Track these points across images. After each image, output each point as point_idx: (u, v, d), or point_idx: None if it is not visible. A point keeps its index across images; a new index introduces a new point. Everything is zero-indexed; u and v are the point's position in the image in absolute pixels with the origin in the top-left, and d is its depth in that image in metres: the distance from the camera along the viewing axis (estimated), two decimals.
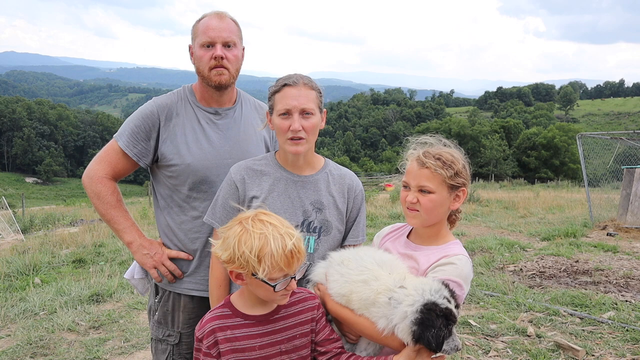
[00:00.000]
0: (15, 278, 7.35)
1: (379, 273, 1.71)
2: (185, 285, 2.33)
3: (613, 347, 4.38)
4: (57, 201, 50.31)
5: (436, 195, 1.81)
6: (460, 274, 1.76)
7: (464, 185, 1.85)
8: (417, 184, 1.83)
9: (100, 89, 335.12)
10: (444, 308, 1.57)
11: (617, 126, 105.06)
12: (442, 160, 1.82)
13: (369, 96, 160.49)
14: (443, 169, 1.80)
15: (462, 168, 1.85)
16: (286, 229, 1.62)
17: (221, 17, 2.25)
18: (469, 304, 5.65)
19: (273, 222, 1.62)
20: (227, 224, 1.70)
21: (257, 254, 1.55)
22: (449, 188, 1.82)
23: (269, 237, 1.56)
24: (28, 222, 15.08)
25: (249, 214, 1.67)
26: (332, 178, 2.13)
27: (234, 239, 1.59)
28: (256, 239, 1.56)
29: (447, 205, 1.86)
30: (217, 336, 1.68)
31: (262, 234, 1.57)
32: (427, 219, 1.85)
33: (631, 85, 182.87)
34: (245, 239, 1.57)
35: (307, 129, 1.94)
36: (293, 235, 1.61)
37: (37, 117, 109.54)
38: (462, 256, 1.80)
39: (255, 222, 1.61)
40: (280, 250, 1.56)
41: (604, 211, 11.80)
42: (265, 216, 1.65)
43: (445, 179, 1.80)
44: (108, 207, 2.30)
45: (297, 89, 1.94)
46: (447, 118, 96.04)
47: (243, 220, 1.63)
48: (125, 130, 2.31)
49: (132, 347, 4.50)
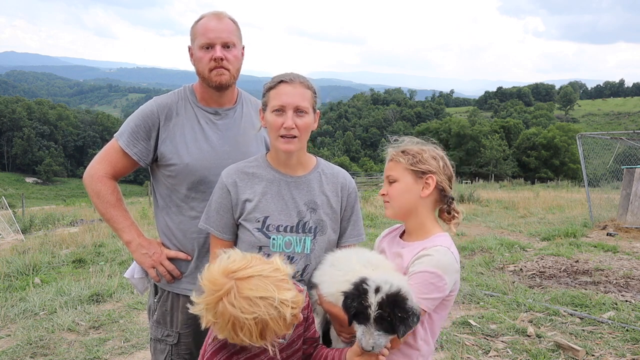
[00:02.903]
0: (15, 278, 7.35)
1: (364, 273, 1.74)
2: (184, 286, 2.33)
3: (613, 347, 4.38)
4: (57, 201, 50.33)
5: (400, 183, 1.88)
6: (438, 264, 1.75)
7: (430, 172, 1.86)
8: (385, 175, 1.94)
9: (100, 89, 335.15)
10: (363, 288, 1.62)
11: (617, 126, 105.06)
12: (406, 151, 1.90)
13: (369, 96, 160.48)
14: (404, 157, 1.88)
15: (428, 157, 1.88)
16: (277, 293, 1.42)
17: (220, 18, 2.24)
18: (469, 304, 5.65)
19: (260, 293, 1.41)
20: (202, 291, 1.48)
21: (259, 337, 1.43)
22: (413, 175, 1.87)
23: (266, 319, 1.40)
24: (28, 222, 15.09)
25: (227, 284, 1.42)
26: (325, 177, 2.12)
27: (228, 325, 1.42)
28: (252, 324, 1.40)
29: (416, 193, 1.87)
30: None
31: (256, 317, 1.39)
32: (396, 207, 1.90)
33: (631, 85, 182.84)
34: (240, 325, 1.41)
35: (300, 127, 1.93)
36: (288, 300, 1.43)
37: (37, 117, 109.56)
38: (440, 247, 1.79)
39: (241, 301, 1.40)
40: (281, 323, 1.43)
41: (604, 211, 11.80)
42: (247, 285, 1.41)
43: (406, 166, 1.87)
44: (108, 206, 2.31)
45: (292, 86, 1.94)
46: (447, 118, 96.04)
47: (225, 297, 1.41)
48: (125, 130, 2.32)
49: (132, 347, 4.50)
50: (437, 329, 1.91)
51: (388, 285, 1.61)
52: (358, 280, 1.67)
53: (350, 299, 1.65)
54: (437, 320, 1.89)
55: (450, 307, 1.92)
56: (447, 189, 1.91)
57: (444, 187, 1.89)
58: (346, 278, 1.74)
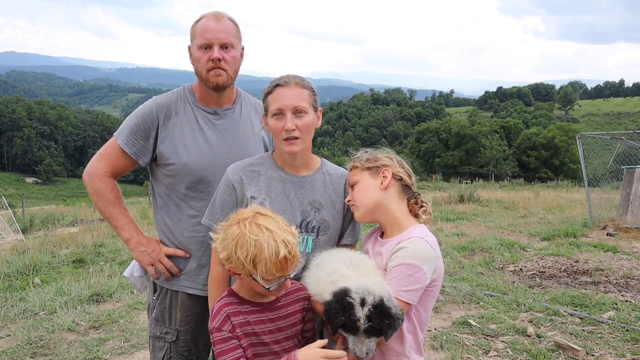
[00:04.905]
0: (15, 278, 7.36)
1: (346, 272, 1.77)
2: (183, 283, 2.34)
3: (613, 347, 4.38)
4: (57, 201, 50.34)
5: (360, 183, 1.97)
6: (414, 255, 1.77)
7: (384, 165, 1.96)
8: (349, 185, 2.04)
9: (100, 89, 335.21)
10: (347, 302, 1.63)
11: (617, 126, 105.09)
12: (360, 157, 2.04)
13: (369, 96, 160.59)
14: (359, 161, 2.01)
15: (382, 156, 2.00)
16: (283, 233, 1.64)
17: (219, 18, 2.25)
18: (469, 304, 5.66)
19: (270, 226, 1.64)
20: (226, 221, 1.72)
21: (252, 260, 1.60)
22: (370, 172, 1.96)
23: (264, 245, 1.59)
24: (28, 222, 15.09)
25: (248, 213, 1.69)
26: (330, 178, 2.13)
27: (232, 242, 1.63)
28: (252, 245, 1.60)
29: (375, 187, 1.94)
30: (233, 321, 1.73)
31: (257, 240, 1.60)
32: (361, 207, 1.96)
33: (631, 85, 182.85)
34: (241, 243, 1.61)
35: (300, 128, 1.95)
36: (289, 242, 1.63)
37: (37, 117, 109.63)
38: (414, 237, 1.81)
39: (252, 225, 1.63)
40: (274, 258, 1.60)
41: (604, 211, 11.80)
42: (263, 218, 1.67)
43: (363, 166, 1.98)
44: (107, 204, 2.32)
45: (288, 89, 1.95)
46: (447, 118, 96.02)
47: (241, 221, 1.66)
48: (124, 129, 2.32)
49: (132, 347, 4.50)
50: (425, 321, 1.93)
51: (371, 297, 1.63)
52: (339, 291, 1.68)
53: (334, 312, 1.66)
54: (424, 312, 1.90)
55: (435, 296, 1.92)
56: (407, 180, 1.97)
57: (402, 177, 1.96)
58: (330, 279, 1.77)
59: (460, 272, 7.07)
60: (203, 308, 2.21)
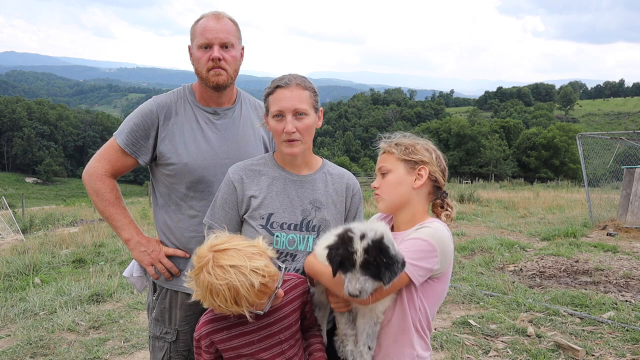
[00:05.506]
0: (15, 278, 7.35)
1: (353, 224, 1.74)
2: (182, 283, 2.33)
3: (613, 347, 4.37)
4: (57, 201, 50.32)
5: (393, 174, 1.85)
6: (433, 235, 1.72)
7: (423, 162, 1.84)
8: (377, 168, 1.92)
9: (100, 89, 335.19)
10: (348, 236, 1.61)
11: (617, 126, 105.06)
12: (399, 143, 1.89)
13: (369, 96, 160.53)
14: (396, 148, 1.87)
15: (421, 148, 1.87)
16: (249, 262, 1.59)
17: (219, 18, 2.25)
18: (469, 304, 5.66)
19: (233, 261, 1.58)
20: (192, 269, 1.67)
21: (234, 302, 1.58)
22: (405, 165, 1.85)
23: (236, 284, 1.55)
24: (28, 222, 15.09)
25: (207, 255, 1.62)
26: (331, 177, 2.14)
27: (206, 292, 1.59)
28: (225, 289, 1.56)
29: (408, 184, 1.84)
30: (213, 339, 1.74)
31: (228, 283, 1.55)
32: (388, 200, 1.87)
33: (631, 85, 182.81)
34: (215, 291, 1.57)
35: (301, 130, 1.95)
36: (258, 268, 1.58)
37: (37, 117, 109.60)
38: (437, 223, 1.78)
39: (216, 269, 1.58)
40: (252, 290, 1.57)
41: (604, 211, 11.80)
42: (222, 255, 1.60)
43: (399, 156, 1.85)
44: (107, 204, 2.32)
45: (289, 90, 1.95)
46: (447, 118, 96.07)
47: (204, 267, 1.60)
48: (124, 129, 2.32)
49: (132, 347, 4.50)
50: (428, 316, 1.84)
51: (373, 232, 1.60)
52: (342, 230, 1.66)
53: (335, 248, 1.63)
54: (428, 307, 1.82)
55: (438, 296, 1.85)
56: (441, 180, 1.88)
57: (437, 178, 1.87)
58: (334, 233, 1.74)
59: (460, 272, 7.06)
60: (203, 308, 2.21)
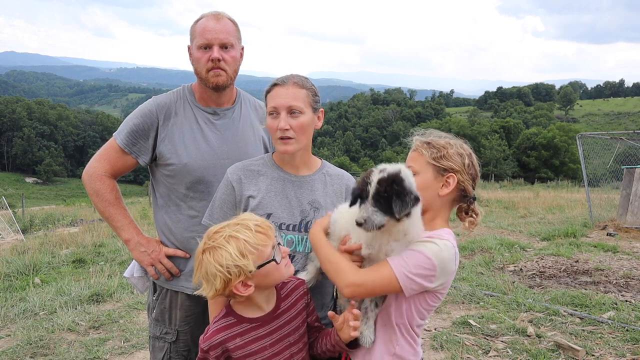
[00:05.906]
0: (15, 278, 7.35)
1: None
2: (182, 283, 2.34)
3: (613, 347, 4.38)
4: (57, 201, 50.30)
5: (420, 177, 1.74)
6: (438, 255, 1.64)
7: (453, 170, 1.75)
8: (406, 166, 1.81)
9: (100, 89, 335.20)
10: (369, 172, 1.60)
11: (617, 126, 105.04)
12: (431, 143, 1.80)
13: (369, 96, 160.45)
14: (427, 149, 1.78)
15: (453, 153, 1.77)
16: (235, 220, 1.67)
17: (218, 18, 2.25)
18: (469, 304, 5.66)
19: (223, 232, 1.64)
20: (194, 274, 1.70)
21: (239, 254, 1.59)
22: (434, 170, 1.76)
23: (233, 233, 1.61)
24: (28, 222, 15.10)
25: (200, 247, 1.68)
26: (330, 178, 2.14)
27: (213, 265, 1.60)
28: (225, 244, 1.60)
29: (434, 190, 1.76)
30: (228, 346, 1.71)
31: (225, 237, 1.61)
32: None
33: (631, 85, 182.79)
34: (217, 255, 1.60)
35: (294, 127, 1.94)
36: (245, 218, 1.67)
37: (37, 117, 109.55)
38: (448, 242, 1.68)
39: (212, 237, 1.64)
40: (250, 234, 1.61)
41: (604, 211, 11.80)
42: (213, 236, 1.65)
43: (429, 160, 1.76)
44: (107, 204, 2.32)
45: (285, 88, 1.95)
46: (447, 118, 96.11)
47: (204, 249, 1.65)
48: (124, 129, 2.32)
49: (132, 347, 4.50)
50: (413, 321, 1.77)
51: (392, 168, 1.58)
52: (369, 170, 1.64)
53: (357, 185, 1.63)
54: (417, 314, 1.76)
55: (434, 307, 1.79)
56: (469, 189, 1.79)
57: (466, 187, 1.78)
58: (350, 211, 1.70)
59: (460, 272, 7.06)
60: (203, 308, 2.21)
